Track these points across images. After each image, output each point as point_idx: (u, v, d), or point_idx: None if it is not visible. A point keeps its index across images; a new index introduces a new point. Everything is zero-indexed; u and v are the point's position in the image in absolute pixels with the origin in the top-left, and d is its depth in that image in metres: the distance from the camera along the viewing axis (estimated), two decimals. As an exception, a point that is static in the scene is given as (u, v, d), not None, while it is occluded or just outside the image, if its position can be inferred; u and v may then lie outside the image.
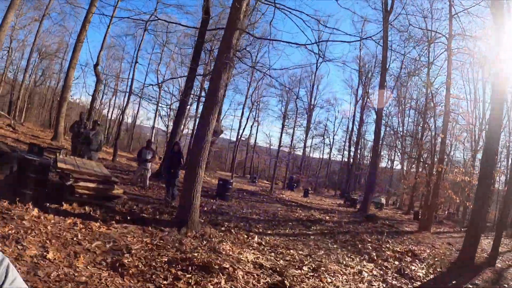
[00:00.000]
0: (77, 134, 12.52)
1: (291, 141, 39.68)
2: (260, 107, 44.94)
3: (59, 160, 8.71)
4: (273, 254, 7.61)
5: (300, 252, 8.27)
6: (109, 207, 8.14)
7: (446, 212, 31.75)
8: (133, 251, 5.75)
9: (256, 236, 8.70)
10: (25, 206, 6.58)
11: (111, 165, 17.63)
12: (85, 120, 13.17)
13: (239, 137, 36.44)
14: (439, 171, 17.29)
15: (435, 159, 20.18)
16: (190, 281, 5.08)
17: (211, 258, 6.02)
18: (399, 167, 39.22)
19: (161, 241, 6.64)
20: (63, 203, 7.40)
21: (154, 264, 5.45)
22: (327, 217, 15.41)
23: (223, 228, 8.83)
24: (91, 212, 7.55)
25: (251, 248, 7.64)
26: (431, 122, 24.86)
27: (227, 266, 5.80)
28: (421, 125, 31.57)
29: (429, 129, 24.11)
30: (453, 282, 8.13)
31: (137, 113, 43.82)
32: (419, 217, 24.48)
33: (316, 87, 46.46)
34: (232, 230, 8.78)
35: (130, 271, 4.96)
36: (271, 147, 46.35)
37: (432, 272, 8.75)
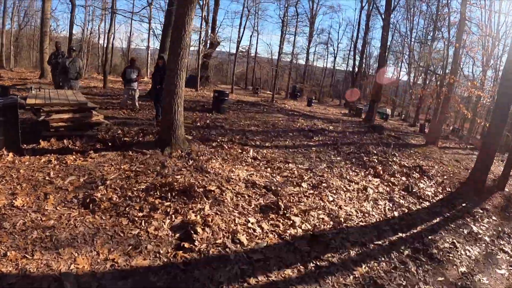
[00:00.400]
0: (55, 65, 11.63)
1: (293, 49, 37.64)
2: (259, 15, 42.28)
3: (29, 96, 7.84)
4: (269, 169, 6.89)
5: (299, 166, 7.57)
6: (90, 136, 7.43)
7: (451, 127, 31.04)
8: (108, 182, 5.07)
9: (252, 150, 7.95)
10: (-3, 152, 6.01)
11: (102, 91, 16.67)
12: (61, 50, 11.96)
13: (238, 47, 34.42)
14: (450, 82, 16.10)
15: (447, 70, 18.83)
16: (168, 210, 4.41)
17: (196, 180, 5.30)
18: (405, 78, 37.97)
19: (141, 166, 5.89)
20: (40, 141, 6.74)
21: (130, 194, 4.78)
22: (331, 127, 14.62)
23: (214, 144, 8.04)
24: (69, 145, 6.82)
25: (244, 164, 6.90)
26: (444, 31, 23.07)
27: (213, 188, 5.08)
28: (430, 34, 29.89)
29: (442, 37, 22.35)
30: (463, 205, 7.48)
31: (129, 35, 41.44)
32: (425, 130, 23.95)
33: None
34: (225, 145, 8.00)
35: (102, 206, 4.41)
36: (273, 57, 44.78)
37: (441, 191, 8.10)
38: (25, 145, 6.50)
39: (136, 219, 4.21)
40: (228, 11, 79.11)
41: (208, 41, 31.16)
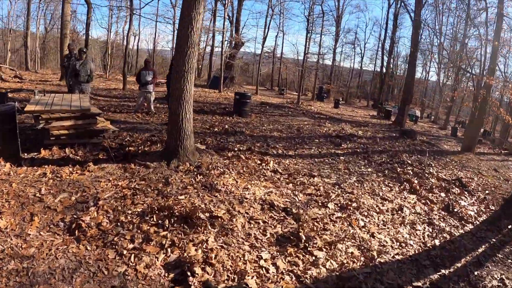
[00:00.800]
0: (67, 68, 11.02)
1: (319, 49, 36.44)
2: (284, 15, 41.39)
3: (30, 102, 7.26)
4: (290, 185, 6.05)
5: (326, 180, 6.71)
6: (95, 144, 6.82)
7: (482, 129, 29.44)
8: (100, 202, 4.40)
9: (272, 161, 7.12)
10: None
11: (121, 94, 16.32)
12: (74, 52, 11.41)
13: (262, 47, 33.56)
14: (488, 84, 14.82)
15: (484, 72, 17.42)
16: (164, 241, 3.67)
17: (203, 201, 4.55)
18: (433, 78, 36.44)
19: (142, 182, 5.16)
20: (41, 150, 6.17)
21: (122, 218, 4.07)
22: (360, 132, 13.63)
23: (230, 154, 7.23)
24: (71, 154, 6.22)
25: (262, 179, 6.08)
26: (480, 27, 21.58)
27: (222, 212, 4.29)
28: (461, 32, 28.34)
29: (479, 35, 20.88)
30: (509, 227, 6.47)
31: (155, 37, 41.31)
32: (457, 133, 22.62)
33: None
34: (242, 155, 7.18)
35: (89, 233, 3.76)
36: (299, 57, 43.86)
37: (484, 210, 7.08)
38: (25, 154, 5.99)
39: (125, 252, 3.49)
40: (252, 11, 78.08)
41: (233, 42, 30.60)
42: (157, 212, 4.15)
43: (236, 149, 7.73)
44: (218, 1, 30.11)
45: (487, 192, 8.41)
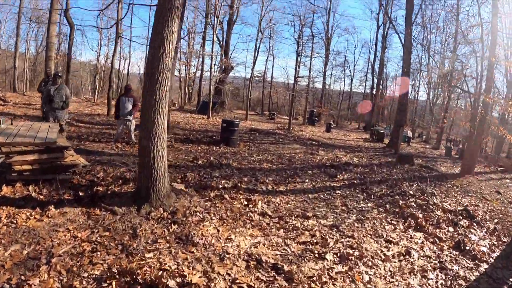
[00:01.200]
0: (44, 93, 10.43)
1: (309, 73, 36.24)
2: (273, 38, 41.53)
3: None
4: (282, 232, 5.25)
5: (322, 221, 5.92)
6: (63, 180, 6.07)
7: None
8: (53, 260, 3.64)
9: (260, 202, 6.33)
10: None
11: (104, 120, 15.60)
12: (52, 77, 10.80)
13: (252, 71, 33.25)
14: (486, 102, 14.23)
15: (482, 89, 16.86)
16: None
17: (175, 259, 3.74)
18: (423, 97, 36.31)
19: (106, 233, 4.37)
20: (3, 186, 5.57)
21: (77, 284, 3.32)
22: (355, 159, 12.93)
23: (213, 194, 6.42)
24: (34, 192, 5.52)
25: (249, 225, 5.28)
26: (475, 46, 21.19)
27: (197, 277, 3.48)
28: (450, 49, 28.24)
29: (473, 51, 20.53)
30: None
31: (145, 61, 41.08)
32: (451, 153, 22.03)
33: (333, 14, 41.78)
34: (226, 195, 6.39)
35: None
36: (289, 81, 43.78)
37: (495, 243, 6.34)
38: None
39: None
40: (242, 35, 78.37)
41: (222, 66, 30.27)
42: (117, 277, 3.36)
43: (220, 186, 6.93)
44: (208, 25, 29.90)
45: (496, 221, 7.69)
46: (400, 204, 7.50)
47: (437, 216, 7.13)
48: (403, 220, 6.58)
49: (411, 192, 8.61)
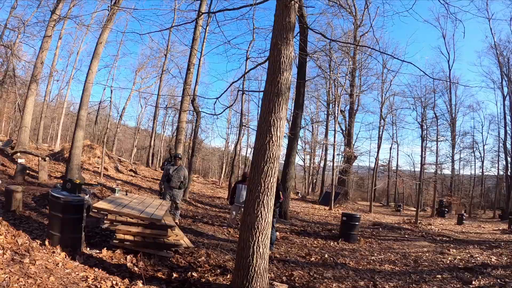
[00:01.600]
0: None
1: (436, 158, 33.60)
2: (396, 124, 40.75)
3: (105, 199, 7.35)
4: None
5: None
6: (162, 257, 6.26)
7: None
8: None
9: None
10: (52, 249, 5.55)
11: (223, 204, 16.29)
12: (173, 158, 11.76)
13: (376, 160, 32.10)
14: None
15: None
16: None
17: None
18: None
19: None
20: (104, 249, 6.07)
21: None
22: (493, 258, 10.70)
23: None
24: (130, 263, 5.69)
25: None
26: None
27: None
28: None
29: None
30: None
31: None
32: None
33: (454, 92, 38.91)
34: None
35: None
36: (415, 169, 41.11)
37: None
38: (88, 249, 6.07)
39: None
40: (364, 123, 78.09)
41: (345, 156, 29.90)
42: None
43: (331, 291, 6.12)
44: (330, 115, 30.21)
45: None
46: None
47: None
48: None
49: None
